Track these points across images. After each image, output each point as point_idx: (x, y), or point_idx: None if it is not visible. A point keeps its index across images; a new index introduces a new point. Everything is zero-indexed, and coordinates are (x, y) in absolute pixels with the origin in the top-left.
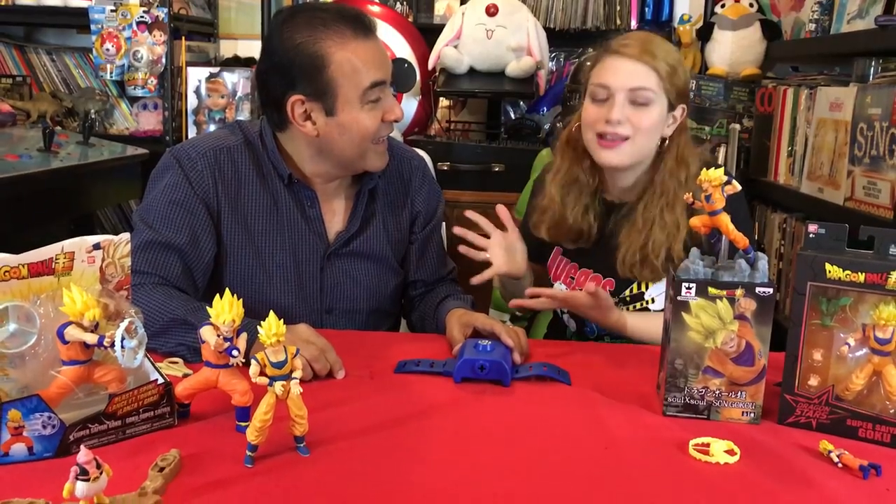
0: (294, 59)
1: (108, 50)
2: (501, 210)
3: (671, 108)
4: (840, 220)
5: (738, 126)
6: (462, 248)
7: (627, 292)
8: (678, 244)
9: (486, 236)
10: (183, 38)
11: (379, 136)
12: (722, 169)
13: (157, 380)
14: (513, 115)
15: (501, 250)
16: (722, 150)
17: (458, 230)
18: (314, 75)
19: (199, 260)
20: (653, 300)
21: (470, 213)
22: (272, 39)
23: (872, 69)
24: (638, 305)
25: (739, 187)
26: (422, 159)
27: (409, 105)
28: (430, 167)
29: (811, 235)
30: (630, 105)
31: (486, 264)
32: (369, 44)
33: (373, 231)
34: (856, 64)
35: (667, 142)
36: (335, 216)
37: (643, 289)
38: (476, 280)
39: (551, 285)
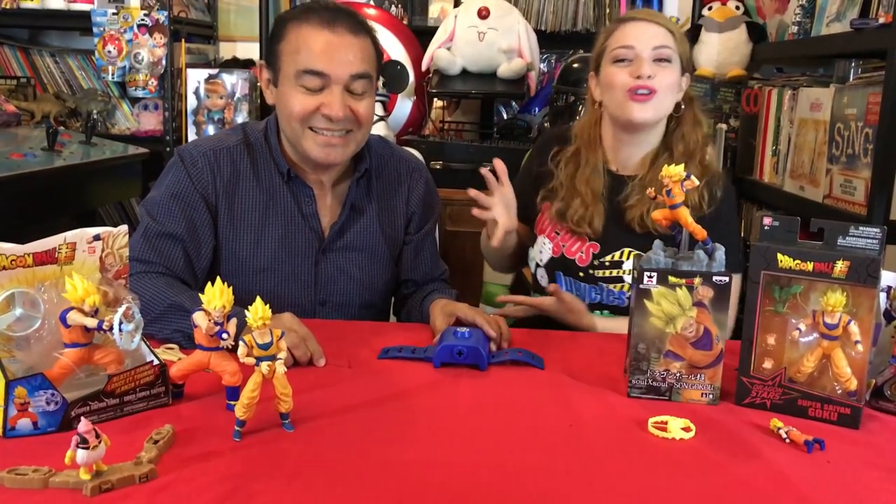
0: (272, 30)
1: (109, 52)
2: (499, 164)
3: (683, 72)
4: (819, 217)
5: (724, 126)
6: (475, 211)
7: (608, 258)
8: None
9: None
10: (183, 40)
11: (311, 123)
12: (682, 165)
13: (152, 361)
14: (505, 116)
15: (503, 207)
16: (709, 150)
17: (472, 192)
18: (272, 45)
19: (198, 251)
20: (626, 272)
21: (483, 170)
22: None
23: (852, 70)
24: (615, 272)
25: (697, 182)
26: (422, 163)
27: (404, 106)
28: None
29: (766, 227)
30: (654, 63)
31: (479, 261)
32: (326, 35)
33: (366, 223)
34: (836, 65)
35: (682, 107)
36: (329, 212)
37: (624, 258)
38: (495, 242)
39: (535, 239)
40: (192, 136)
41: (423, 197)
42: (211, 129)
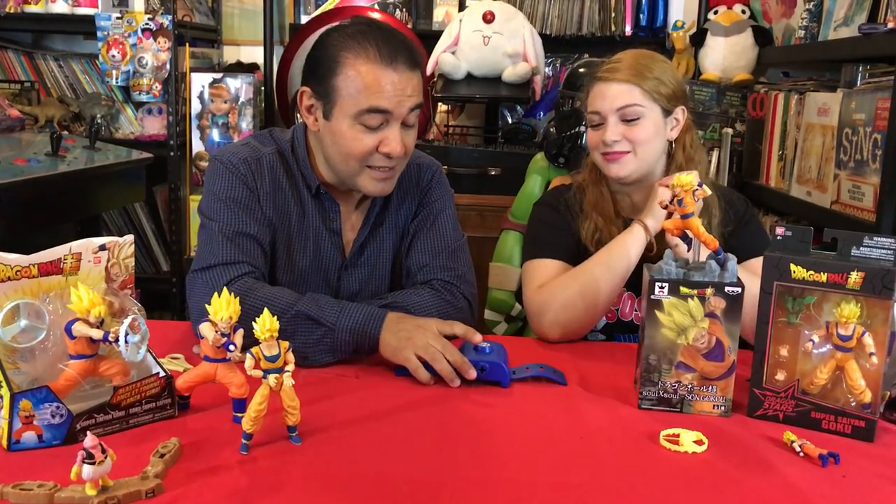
0: (318, 55)
1: (113, 56)
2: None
3: (667, 113)
4: (827, 223)
5: (730, 130)
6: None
7: None
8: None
9: None
10: (187, 44)
11: (370, 162)
12: (694, 174)
13: (158, 373)
14: (510, 120)
15: None
16: (715, 154)
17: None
18: (324, 77)
19: (271, 250)
20: None
21: None
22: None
23: (859, 75)
24: None
25: (709, 192)
26: (437, 164)
27: None
28: (443, 172)
29: (778, 237)
30: (622, 123)
31: (484, 266)
32: (387, 72)
33: (382, 239)
34: (843, 70)
35: (674, 144)
36: (353, 227)
37: None
38: None
39: None
40: (196, 141)
41: (431, 194)
42: (215, 133)
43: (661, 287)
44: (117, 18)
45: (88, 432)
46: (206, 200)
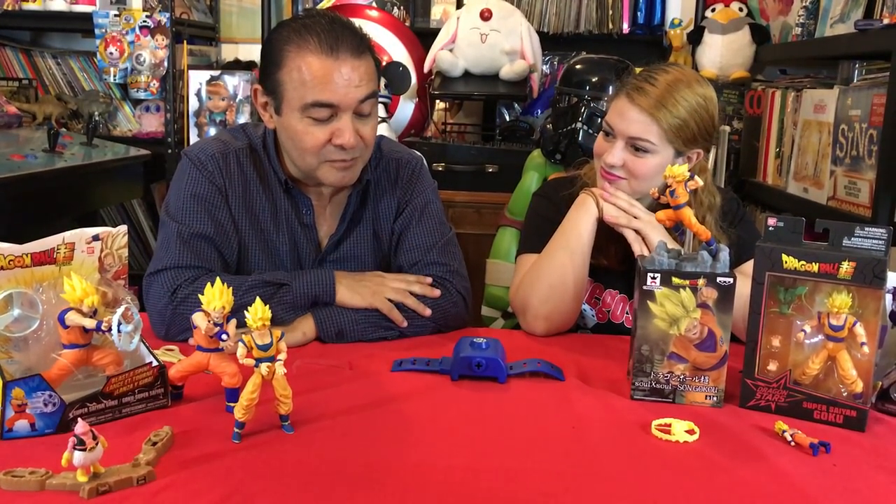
0: (266, 52)
1: (111, 54)
2: None
3: (680, 153)
4: (823, 219)
5: (728, 128)
6: None
7: None
8: None
9: None
10: (185, 41)
11: (326, 156)
12: (685, 166)
13: (151, 362)
14: (507, 118)
15: None
16: (712, 152)
17: None
18: (271, 73)
19: (230, 251)
20: None
21: None
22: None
23: (856, 72)
24: None
25: (701, 182)
26: (417, 159)
27: (406, 107)
28: (425, 166)
29: (770, 228)
30: (629, 149)
31: (481, 263)
32: (329, 63)
33: (360, 236)
34: (840, 67)
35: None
36: (327, 222)
37: None
38: None
39: None
40: (193, 138)
41: (413, 191)
42: (213, 131)
43: (654, 277)
44: (115, 16)
45: (79, 419)
46: (170, 197)
